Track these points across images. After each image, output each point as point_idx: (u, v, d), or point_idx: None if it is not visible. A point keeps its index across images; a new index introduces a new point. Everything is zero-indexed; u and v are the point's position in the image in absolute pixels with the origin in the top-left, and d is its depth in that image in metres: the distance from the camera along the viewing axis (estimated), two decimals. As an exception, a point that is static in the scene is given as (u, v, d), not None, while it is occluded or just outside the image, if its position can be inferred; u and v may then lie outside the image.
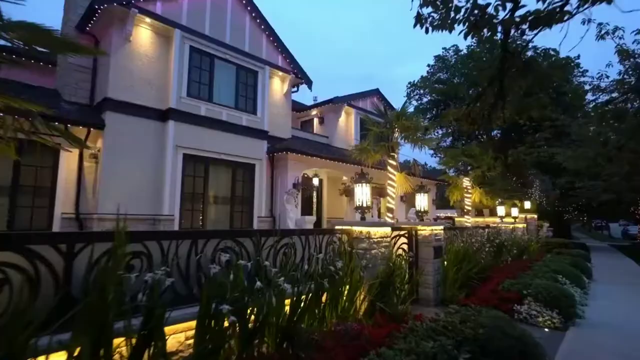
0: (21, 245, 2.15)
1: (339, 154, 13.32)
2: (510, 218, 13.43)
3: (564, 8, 2.90)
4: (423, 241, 6.27)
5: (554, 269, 7.65)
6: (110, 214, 8.11)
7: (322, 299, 3.66)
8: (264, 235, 3.56)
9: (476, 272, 6.83)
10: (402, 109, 8.09)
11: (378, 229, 4.91)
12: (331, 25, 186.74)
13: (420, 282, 6.01)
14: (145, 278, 2.27)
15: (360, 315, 4.08)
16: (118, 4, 8.36)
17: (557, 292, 5.50)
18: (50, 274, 2.25)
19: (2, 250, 2.08)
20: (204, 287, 2.63)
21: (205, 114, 9.87)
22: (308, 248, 4.12)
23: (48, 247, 2.25)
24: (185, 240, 3.02)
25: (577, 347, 4.35)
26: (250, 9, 11.36)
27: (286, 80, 12.63)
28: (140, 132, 8.87)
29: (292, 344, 2.90)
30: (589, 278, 9.51)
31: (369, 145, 8.08)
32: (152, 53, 9.28)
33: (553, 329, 5.01)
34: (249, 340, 2.77)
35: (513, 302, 5.52)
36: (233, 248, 3.29)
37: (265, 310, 2.73)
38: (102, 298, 2.02)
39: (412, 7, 3.90)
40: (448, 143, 27.90)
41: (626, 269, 12.38)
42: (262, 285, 2.70)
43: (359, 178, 5.24)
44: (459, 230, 8.33)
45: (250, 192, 10.88)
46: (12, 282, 2.08)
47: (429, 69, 29.53)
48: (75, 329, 1.99)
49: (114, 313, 2.09)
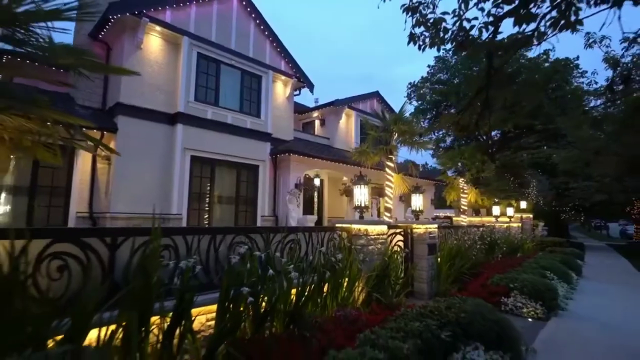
0: (77, 238, 2.60)
1: (339, 155, 13.76)
2: (506, 217, 13.86)
3: (534, 34, 3.32)
4: (418, 239, 6.71)
5: (543, 266, 8.09)
6: (122, 213, 8.57)
7: (324, 289, 4.11)
8: (272, 232, 4.01)
9: (468, 268, 7.28)
10: (400, 113, 8.53)
11: (375, 227, 5.36)
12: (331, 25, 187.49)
13: (415, 276, 6.45)
14: (181, 264, 2.72)
15: (358, 305, 4.53)
16: (130, 14, 8.81)
17: (541, 286, 5.94)
18: (98, 262, 2.70)
19: (61, 242, 2.53)
20: (224, 274, 3.07)
21: (212, 117, 10.32)
22: (311, 244, 4.57)
23: (97, 239, 2.70)
24: (206, 235, 3.47)
25: (555, 334, 4.79)
26: (254, 16, 11.80)
27: (288, 84, 13.07)
28: (150, 135, 9.32)
29: (298, 326, 3.35)
30: (578, 275, 9.94)
31: (368, 148, 8.52)
32: (162, 59, 9.73)
33: (536, 319, 5.46)
34: (261, 322, 3.21)
35: (500, 295, 5.97)
36: (246, 242, 3.74)
37: (277, 293, 3.17)
38: (147, 282, 2.47)
39: (405, 28, 4.33)
40: (448, 143, 28.31)
41: (617, 268, 12.80)
42: (273, 273, 3.14)
43: (357, 180, 5.68)
44: (453, 229, 8.77)
45: (254, 192, 11.33)
46: (70, 269, 2.53)
47: (429, 70, 29.92)
48: (123, 307, 2.44)
49: (155, 294, 2.54)
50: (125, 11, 8.78)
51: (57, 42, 3.27)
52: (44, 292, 2.35)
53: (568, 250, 12.99)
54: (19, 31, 2.61)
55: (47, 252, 2.41)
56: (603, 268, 12.58)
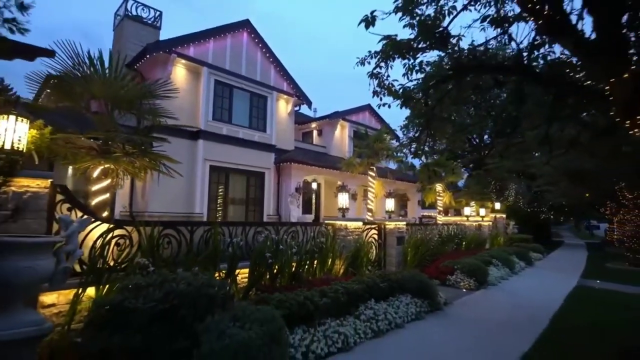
0: (175, 226, 4.71)
1: (334, 162, 15.84)
2: (478, 217, 15.95)
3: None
4: (389, 233, 8.79)
5: (491, 255, 10.18)
6: (156, 212, 10.67)
7: (314, 263, 6.21)
8: (279, 225, 6.12)
9: (430, 255, 9.39)
10: (379, 134, 10.64)
11: (352, 223, 7.47)
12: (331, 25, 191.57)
13: (386, 261, 8.55)
14: (234, 240, 4.84)
15: (340, 274, 6.62)
16: (163, 52, 10.92)
17: (475, 267, 8.04)
18: (184, 239, 4.80)
19: (167, 228, 4.63)
20: (253, 251, 5.18)
21: (226, 133, 12.42)
22: (306, 234, 6.67)
23: (184, 227, 4.80)
24: (239, 227, 5.58)
25: (474, 297, 6.90)
26: (261, 46, 13.90)
27: (290, 102, 15.17)
28: (177, 149, 11.38)
29: (296, 281, 5.45)
30: (528, 264, 12.03)
31: (354, 160, 10.63)
32: (186, 86, 11.83)
33: (469, 290, 7.55)
34: (274, 278, 5.32)
35: (447, 274, 8.08)
36: (263, 232, 5.84)
37: (284, 261, 5.29)
38: (215, 250, 4.58)
39: (370, 88, 6.42)
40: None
41: (571, 260, 14.86)
42: (283, 248, 5.26)
43: (340, 188, 7.79)
44: (423, 226, 10.89)
45: (261, 195, 13.42)
46: (172, 243, 4.64)
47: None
48: (201, 263, 4.53)
49: (218, 258, 4.65)
50: (159, 50, 10.89)
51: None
52: (162, 255, 4.46)
53: (530, 246, 15.09)
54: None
55: (163, 233, 4.52)
56: (558, 260, 14.67)
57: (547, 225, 29.91)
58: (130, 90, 5.08)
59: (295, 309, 3.87)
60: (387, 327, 4.64)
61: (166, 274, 3.31)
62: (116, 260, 4.09)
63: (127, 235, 4.29)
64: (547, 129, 5.16)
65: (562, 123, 5.41)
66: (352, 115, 18.83)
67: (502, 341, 4.49)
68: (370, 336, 4.34)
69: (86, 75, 4.59)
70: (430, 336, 4.58)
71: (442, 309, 5.80)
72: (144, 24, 12.85)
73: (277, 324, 3.18)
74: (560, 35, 2.93)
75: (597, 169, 9.62)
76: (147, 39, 12.46)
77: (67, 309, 3.66)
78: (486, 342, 4.45)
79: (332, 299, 4.33)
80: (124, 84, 4.99)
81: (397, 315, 4.92)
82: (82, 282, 3.72)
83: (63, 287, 3.48)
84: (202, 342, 2.81)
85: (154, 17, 13.15)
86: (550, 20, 2.87)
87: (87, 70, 4.57)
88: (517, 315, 5.73)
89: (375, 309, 4.80)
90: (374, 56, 5.95)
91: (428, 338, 4.51)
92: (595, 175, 10.25)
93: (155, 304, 2.74)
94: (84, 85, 4.61)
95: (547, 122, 4.94)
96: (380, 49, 5.70)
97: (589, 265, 13.17)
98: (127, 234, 4.29)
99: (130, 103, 5.17)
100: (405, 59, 5.66)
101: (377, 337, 4.39)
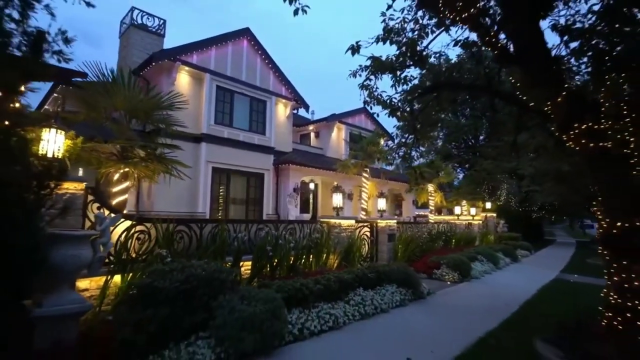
0: (187, 223, 5.35)
1: (331, 163, 16.48)
2: (469, 216, 16.63)
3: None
4: (381, 230, 9.45)
5: (477, 251, 10.85)
6: (162, 211, 11.28)
7: (310, 257, 6.85)
8: (279, 223, 6.76)
9: (419, 251, 10.05)
10: (372, 137, 11.30)
11: (346, 221, 8.11)
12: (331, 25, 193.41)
13: (378, 256, 9.20)
14: (239, 235, 5.48)
15: (334, 268, 7.26)
16: (168, 59, 11.53)
17: (459, 262, 8.71)
18: (195, 235, 5.43)
19: (180, 225, 5.26)
20: (255, 247, 5.81)
21: (228, 136, 13.05)
22: (303, 231, 7.31)
23: (194, 224, 5.44)
24: (242, 224, 6.21)
25: (457, 288, 7.56)
26: (260, 52, 14.53)
27: (288, 106, 15.81)
28: (182, 152, 12.00)
29: (294, 272, 6.09)
30: (514, 260, 12.69)
31: (348, 162, 11.27)
32: (189, 92, 12.44)
33: (453, 282, 8.21)
34: (274, 269, 5.96)
35: (434, 268, 8.74)
36: (264, 228, 6.48)
37: (283, 254, 5.93)
38: (222, 243, 5.22)
39: (360, 98, 7.06)
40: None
41: (557, 257, 15.53)
42: (282, 242, 5.90)
43: (335, 189, 8.43)
44: (414, 224, 11.56)
45: (260, 195, 14.05)
46: (184, 238, 5.28)
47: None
48: (210, 255, 5.16)
49: (225, 251, 5.28)
50: (164, 58, 11.50)
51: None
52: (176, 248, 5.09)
53: (518, 244, 15.77)
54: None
55: (177, 229, 5.15)
56: (544, 257, 15.36)
57: (539, 225, 30.66)
58: (146, 103, 5.70)
59: (293, 293, 4.52)
60: (374, 311, 5.29)
61: (184, 262, 3.96)
62: (137, 252, 4.73)
63: (146, 231, 4.92)
64: (515, 137, 5.81)
65: (531, 131, 6.05)
66: (349, 118, 19.48)
67: (474, 322, 5.15)
68: (358, 318, 4.99)
69: (109, 90, 5.22)
70: (411, 319, 5.24)
71: (424, 298, 6.45)
72: (148, 32, 13.46)
73: (277, 303, 3.83)
74: (510, 65, 3.52)
75: (574, 170, 10.30)
76: (152, 46, 13.10)
77: (97, 293, 4.30)
78: (460, 324, 5.10)
79: (325, 286, 4.98)
80: (141, 97, 5.61)
81: (383, 301, 5.58)
82: (110, 270, 4.36)
83: (97, 274, 4.11)
84: (217, 316, 3.46)
85: (158, 25, 13.77)
86: (502, 52, 3.48)
87: (110, 87, 5.20)
88: (493, 303, 6.39)
89: (363, 296, 5.45)
90: (364, 69, 6.61)
91: (409, 320, 5.17)
92: (575, 177, 10.91)
93: (179, 284, 3.37)
94: (107, 99, 5.23)
95: (516, 131, 5.58)
96: (369, 64, 6.36)
97: (571, 261, 13.87)
98: (146, 230, 4.92)
99: (146, 114, 5.78)
100: (391, 74, 6.31)
101: (364, 319, 5.04)
